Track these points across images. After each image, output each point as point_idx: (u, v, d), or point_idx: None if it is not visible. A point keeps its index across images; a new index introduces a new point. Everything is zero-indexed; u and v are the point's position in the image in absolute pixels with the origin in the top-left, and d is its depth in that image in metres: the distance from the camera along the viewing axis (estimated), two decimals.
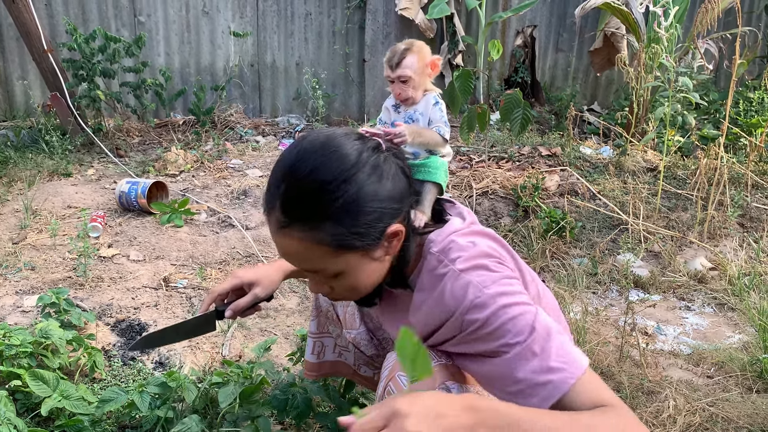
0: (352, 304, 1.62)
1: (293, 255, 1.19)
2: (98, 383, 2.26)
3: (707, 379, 2.29)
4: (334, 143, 1.16)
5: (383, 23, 6.40)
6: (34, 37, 4.92)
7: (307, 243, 1.14)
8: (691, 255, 3.49)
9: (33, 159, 4.70)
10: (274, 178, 1.17)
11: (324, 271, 1.20)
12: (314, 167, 1.13)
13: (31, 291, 2.92)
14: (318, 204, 1.12)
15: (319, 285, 1.27)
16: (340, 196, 1.12)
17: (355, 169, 1.13)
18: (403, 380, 1.29)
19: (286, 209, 1.13)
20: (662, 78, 4.05)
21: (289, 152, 1.18)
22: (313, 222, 1.13)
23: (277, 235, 1.17)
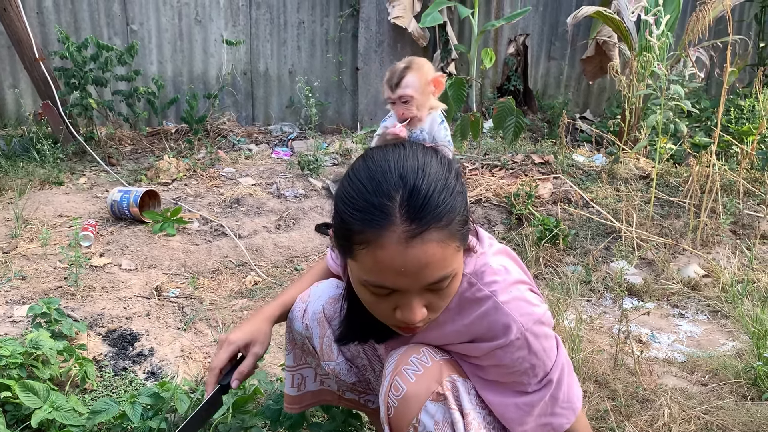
0: (328, 335, 1.55)
1: (426, 266, 1.08)
2: (89, 394, 2.23)
3: (702, 387, 2.28)
4: (409, 147, 1.16)
5: (376, 31, 6.42)
6: (26, 45, 4.91)
7: (445, 243, 1.08)
8: (685, 262, 3.50)
9: (24, 168, 4.68)
10: (376, 193, 1.08)
11: (447, 278, 1.13)
12: (423, 164, 1.10)
13: (21, 301, 2.89)
14: (447, 196, 1.08)
15: (420, 310, 1.15)
16: (454, 185, 1.11)
17: (445, 159, 1.15)
18: (410, 373, 1.28)
19: (417, 214, 1.06)
20: (654, 86, 4.07)
21: (376, 166, 1.12)
22: (447, 217, 1.08)
23: (408, 248, 1.06)
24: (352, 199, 1.10)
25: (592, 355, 2.38)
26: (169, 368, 2.42)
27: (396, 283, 1.10)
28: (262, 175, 4.92)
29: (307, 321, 1.59)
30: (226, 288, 3.17)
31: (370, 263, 1.09)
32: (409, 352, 1.31)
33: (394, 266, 1.07)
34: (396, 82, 2.01)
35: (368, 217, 1.07)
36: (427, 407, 1.25)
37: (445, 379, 1.27)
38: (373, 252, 1.07)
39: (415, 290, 1.12)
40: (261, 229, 3.85)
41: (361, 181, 1.11)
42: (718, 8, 4.20)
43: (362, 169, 1.13)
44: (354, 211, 1.09)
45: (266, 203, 4.22)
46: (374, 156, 1.14)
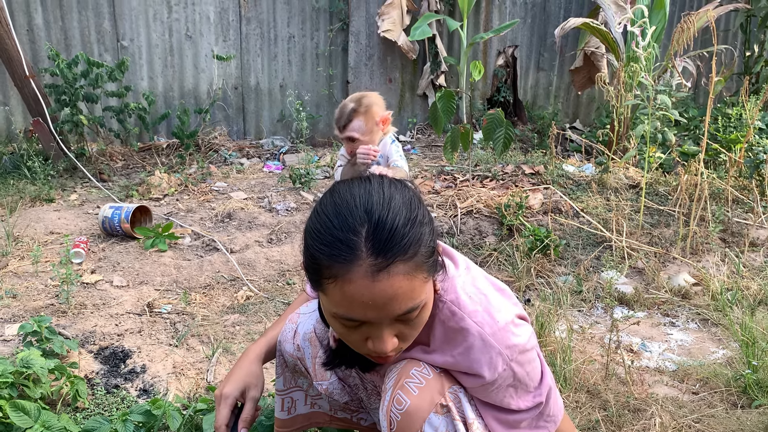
0: (320, 355, 1.55)
1: (394, 298, 1.10)
2: (81, 412, 2.22)
3: (692, 396, 2.30)
4: (372, 182, 1.17)
5: (366, 45, 6.46)
6: (16, 62, 4.91)
7: (411, 275, 1.10)
8: (675, 271, 3.52)
9: (15, 185, 4.67)
10: (342, 228, 1.10)
11: (415, 309, 1.14)
12: (389, 198, 1.12)
13: (12, 319, 2.88)
14: (411, 230, 1.10)
15: (391, 340, 1.17)
16: (419, 216, 1.13)
17: (408, 191, 1.17)
18: (412, 386, 1.28)
19: (383, 249, 1.08)
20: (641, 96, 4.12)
21: (342, 202, 1.14)
22: (413, 249, 1.10)
23: (375, 282, 1.08)
24: (319, 234, 1.12)
25: (583, 366, 2.39)
26: (161, 385, 2.42)
27: (365, 316, 1.12)
28: (253, 189, 4.93)
29: (298, 341, 1.58)
30: (218, 303, 3.17)
31: (339, 297, 1.11)
32: (409, 365, 1.32)
33: (362, 300, 1.09)
34: (343, 124, 2.08)
35: (335, 252, 1.09)
36: (431, 420, 1.26)
37: (447, 391, 1.28)
38: (341, 286, 1.09)
39: (384, 322, 1.14)
40: (253, 243, 3.86)
41: (328, 215, 1.13)
42: (703, 19, 4.26)
43: (329, 203, 1.15)
44: (321, 246, 1.11)
45: (258, 217, 4.22)
46: (340, 190, 1.16)
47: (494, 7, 6.89)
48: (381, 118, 2.13)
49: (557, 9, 7.05)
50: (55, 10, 5.63)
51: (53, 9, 5.62)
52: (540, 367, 1.32)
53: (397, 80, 6.74)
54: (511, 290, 3.23)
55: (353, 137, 2.07)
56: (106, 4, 5.76)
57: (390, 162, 2.15)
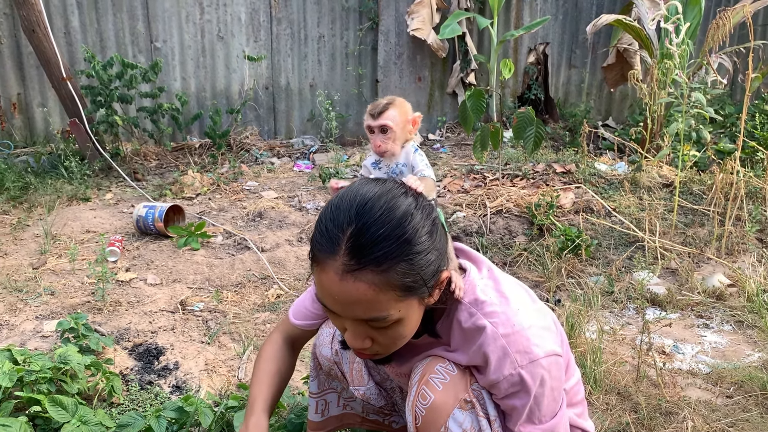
0: (359, 360, 1.57)
1: (357, 302, 1.12)
2: (116, 408, 2.27)
3: (726, 399, 2.25)
4: (388, 187, 1.18)
5: (395, 44, 6.46)
6: (54, 65, 5.03)
7: (378, 288, 1.11)
8: (709, 271, 3.45)
9: (53, 184, 4.78)
10: (334, 222, 1.13)
11: (381, 320, 1.15)
12: (387, 208, 1.13)
13: (50, 316, 2.96)
14: (394, 244, 1.10)
15: (360, 338, 1.20)
16: (413, 236, 1.12)
17: (419, 211, 1.16)
18: (436, 381, 1.29)
19: (357, 252, 1.09)
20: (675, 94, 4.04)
21: (347, 197, 1.16)
22: (387, 264, 1.10)
23: (342, 280, 1.11)
24: (320, 221, 1.17)
25: (614, 367, 2.37)
26: (193, 382, 2.46)
27: (332, 308, 1.17)
28: (284, 188, 4.97)
29: (336, 347, 1.61)
30: (249, 301, 3.21)
31: (317, 281, 1.17)
32: (434, 362, 1.33)
33: (330, 292, 1.14)
34: (379, 111, 2.08)
35: (322, 240, 1.14)
36: (455, 415, 1.27)
37: (471, 387, 1.30)
38: (318, 273, 1.15)
39: (348, 319, 1.18)
40: (283, 242, 3.89)
41: (332, 205, 1.17)
42: (739, 14, 4.16)
43: (341, 195, 1.19)
44: (317, 231, 1.16)
45: (288, 216, 4.26)
46: (356, 187, 1.19)
47: (525, 4, 6.83)
48: (412, 117, 2.14)
49: (589, 5, 6.96)
50: (91, 12, 5.75)
51: (89, 12, 5.74)
52: (557, 405, 1.28)
53: (426, 79, 6.73)
54: (541, 290, 3.21)
55: (387, 126, 2.07)
56: (139, 7, 5.86)
57: (416, 171, 2.14)
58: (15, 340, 2.72)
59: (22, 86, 5.72)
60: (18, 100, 5.73)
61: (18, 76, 5.69)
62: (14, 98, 5.72)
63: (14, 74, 5.68)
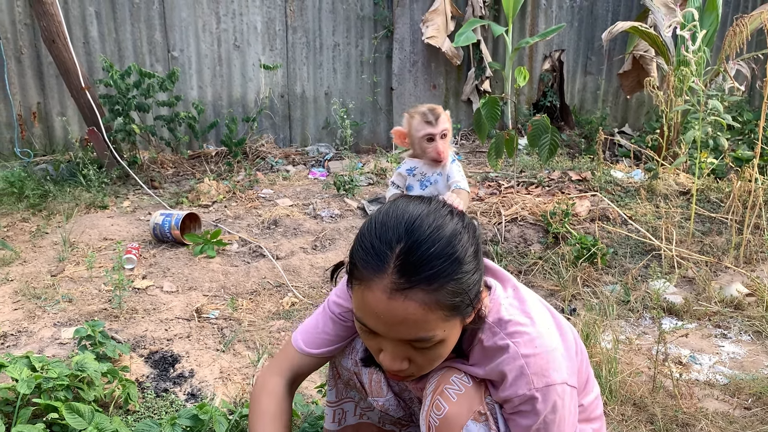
0: (377, 371, 1.54)
1: (403, 322, 1.09)
2: (132, 415, 2.29)
3: (744, 411, 2.23)
4: (434, 206, 1.17)
5: (410, 52, 6.48)
6: (73, 74, 5.10)
7: (427, 307, 1.08)
8: (727, 280, 3.42)
9: (71, 192, 4.84)
10: (381, 238, 1.11)
11: (426, 340, 1.13)
12: (437, 226, 1.11)
13: (68, 323, 2.99)
14: (446, 263, 1.09)
15: (399, 360, 1.17)
16: (462, 256, 1.11)
17: (466, 231, 1.15)
18: (451, 392, 1.29)
19: (408, 270, 1.07)
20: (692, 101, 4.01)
21: (393, 214, 1.14)
22: (438, 283, 1.08)
23: (390, 299, 1.08)
24: (363, 237, 1.15)
25: (630, 378, 2.35)
26: (208, 389, 2.47)
27: (375, 328, 1.14)
28: (299, 195, 4.99)
29: (356, 357, 1.58)
30: (264, 309, 3.22)
31: (359, 301, 1.14)
32: (449, 373, 1.32)
33: (375, 311, 1.11)
34: (437, 117, 2.07)
35: (368, 258, 1.11)
36: (469, 427, 1.26)
37: (485, 399, 1.29)
38: (363, 291, 1.12)
39: (390, 340, 1.15)
40: (298, 249, 3.91)
41: (376, 223, 1.15)
42: (756, 21, 4.13)
43: (384, 212, 1.17)
44: (359, 249, 1.14)
45: (303, 224, 4.28)
46: (400, 204, 1.18)
47: (540, 11, 6.82)
48: None
49: (605, 12, 6.93)
50: (110, 22, 5.83)
51: (107, 22, 5.82)
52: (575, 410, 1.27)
53: (441, 86, 6.74)
54: (557, 299, 3.19)
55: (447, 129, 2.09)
56: (157, 16, 5.93)
57: (451, 182, 2.14)
58: (33, 347, 2.76)
59: (42, 95, 5.81)
60: (38, 109, 5.82)
61: (38, 86, 5.78)
62: (34, 107, 5.80)
63: (34, 84, 5.76)
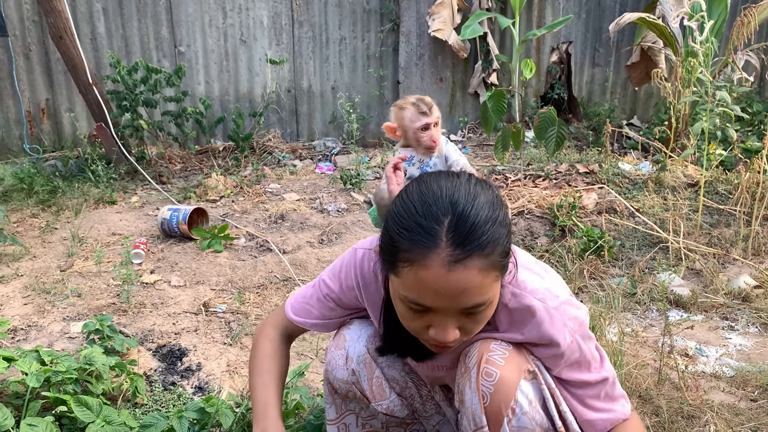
0: (377, 374, 1.56)
1: (465, 291, 1.13)
2: (140, 408, 2.31)
3: (751, 403, 2.22)
4: (460, 177, 1.20)
5: (416, 45, 6.46)
6: (80, 70, 5.13)
7: (485, 271, 1.12)
8: (735, 273, 3.40)
9: (80, 188, 4.87)
10: (426, 216, 1.13)
11: (482, 305, 1.17)
12: (474, 194, 1.15)
13: (77, 317, 3.02)
14: (493, 227, 1.13)
15: (452, 331, 1.19)
16: (503, 217, 1.17)
17: (494, 193, 1.20)
18: (497, 358, 1.32)
19: (462, 241, 1.10)
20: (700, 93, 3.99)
21: (429, 192, 1.16)
22: (490, 247, 1.12)
23: (450, 271, 1.10)
24: (402, 219, 1.15)
25: (635, 370, 2.35)
26: (215, 383, 2.49)
27: (434, 303, 1.14)
28: (305, 190, 5.01)
29: (352, 366, 1.57)
30: (271, 303, 3.24)
31: (412, 281, 1.14)
32: (486, 342, 1.35)
33: (434, 287, 1.12)
34: (430, 107, 2.10)
35: (416, 237, 1.12)
36: (522, 387, 1.31)
37: (530, 358, 1.35)
38: (416, 271, 1.12)
39: (450, 312, 1.16)
40: (305, 244, 3.92)
41: (413, 202, 1.16)
42: (765, 11, 4.09)
43: (415, 192, 1.18)
44: (403, 230, 1.14)
45: (309, 218, 4.29)
46: (428, 181, 1.20)
47: (547, 3, 6.79)
48: None
49: (613, 3, 6.89)
50: (117, 18, 5.85)
51: (114, 18, 5.84)
52: (598, 350, 1.38)
53: (447, 79, 6.72)
54: None
55: (439, 117, 2.13)
56: (164, 12, 5.95)
57: (450, 162, 2.16)
58: (43, 341, 2.79)
59: (51, 92, 5.84)
60: (47, 106, 5.85)
61: (46, 82, 5.81)
62: (43, 104, 5.84)
63: (43, 80, 5.80)
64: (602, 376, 1.36)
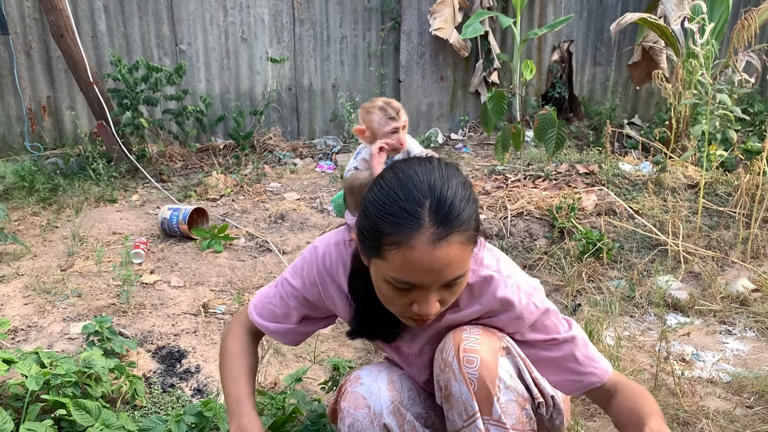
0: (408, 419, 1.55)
1: (449, 264, 1.22)
2: (139, 410, 2.33)
3: (746, 410, 2.23)
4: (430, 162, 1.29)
5: (418, 43, 6.46)
6: (81, 68, 5.13)
7: (464, 245, 1.22)
8: (734, 275, 3.41)
9: (81, 186, 4.88)
10: (408, 200, 1.20)
11: (462, 276, 1.27)
12: (447, 176, 1.24)
13: (77, 318, 3.04)
14: (467, 204, 1.22)
15: (434, 303, 1.28)
16: (473, 194, 1.27)
17: (461, 174, 1.29)
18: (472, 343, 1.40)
19: (443, 220, 1.19)
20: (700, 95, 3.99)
21: (406, 178, 1.24)
22: (467, 223, 1.22)
23: (436, 249, 1.19)
24: (384, 205, 1.22)
25: (631, 375, 2.36)
26: (214, 385, 2.50)
27: (421, 280, 1.23)
28: (306, 189, 5.01)
29: (383, 421, 1.53)
30: None
31: (399, 262, 1.21)
32: (457, 332, 1.43)
33: (421, 265, 1.20)
34: (396, 111, 2.14)
35: (401, 221, 1.19)
36: (501, 363, 1.40)
37: (498, 334, 1.44)
38: (403, 252, 1.20)
39: (434, 287, 1.25)
40: (304, 244, 3.93)
41: (392, 188, 1.23)
42: (765, 13, 4.08)
43: (393, 178, 1.25)
44: (388, 215, 1.21)
45: (309, 218, 4.30)
46: (403, 168, 1.27)
47: (548, 2, 6.78)
48: None
49: (614, 2, 6.88)
50: (118, 16, 5.85)
51: (116, 16, 5.84)
52: (566, 320, 1.47)
53: (448, 78, 6.72)
54: (561, 295, 3.19)
55: (406, 123, 2.17)
56: (165, 10, 5.94)
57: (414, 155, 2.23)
58: (43, 341, 2.80)
59: (52, 89, 5.85)
60: (48, 103, 5.86)
61: (47, 79, 5.81)
62: (44, 101, 5.85)
63: (44, 77, 5.80)
64: (570, 335, 1.43)
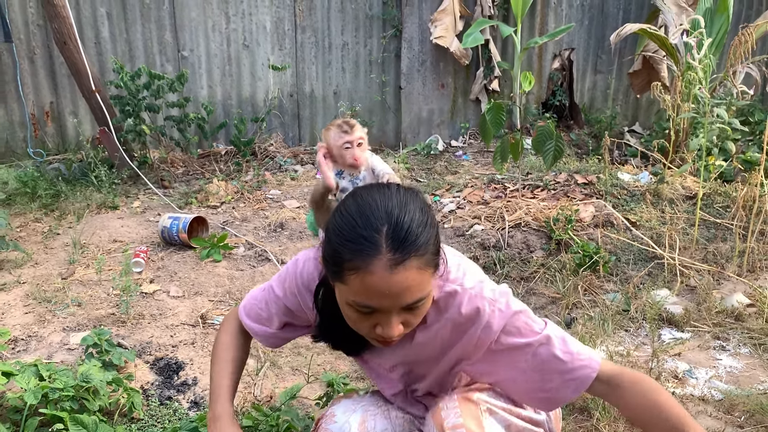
0: None
1: (407, 289, 1.24)
2: (136, 423, 2.36)
3: (737, 429, 2.25)
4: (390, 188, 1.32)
5: (419, 51, 6.49)
6: (84, 76, 5.17)
7: (422, 270, 1.24)
8: (729, 290, 3.42)
9: (83, 192, 4.92)
10: (365, 227, 1.23)
11: (423, 299, 1.28)
12: (404, 202, 1.27)
13: (77, 328, 3.07)
14: (425, 229, 1.25)
15: (397, 326, 1.30)
16: (432, 220, 1.29)
17: (421, 199, 1.32)
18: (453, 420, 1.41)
19: (400, 245, 1.21)
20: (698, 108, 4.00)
21: (365, 205, 1.26)
22: (424, 248, 1.24)
23: (393, 274, 1.21)
24: (343, 231, 1.25)
25: None
26: None
27: (380, 304, 1.26)
28: (305, 197, 5.04)
29: None
30: None
31: (358, 287, 1.24)
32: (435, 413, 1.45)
33: (380, 289, 1.23)
34: (351, 126, 2.17)
35: (359, 247, 1.22)
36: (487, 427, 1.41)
37: (474, 397, 1.46)
38: (362, 277, 1.22)
39: (395, 310, 1.27)
40: None
41: (351, 215, 1.26)
42: (762, 28, 4.09)
43: (352, 205, 1.28)
44: (347, 242, 1.24)
45: (308, 227, 4.32)
46: (362, 195, 1.30)
47: (550, 10, 6.80)
48: None
49: (615, 11, 6.89)
50: (120, 23, 5.88)
51: (118, 22, 5.88)
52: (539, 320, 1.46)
53: (449, 86, 6.74)
54: (557, 307, 3.20)
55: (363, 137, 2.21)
56: (167, 17, 5.98)
57: (377, 172, 2.26)
58: (43, 352, 2.83)
59: (55, 95, 5.89)
60: (51, 109, 5.90)
61: (51, 86, 5.85)
62: (47, 107, 5.89)
63: (47, 83, 5.84)
64: (545, 335, 1.41)
